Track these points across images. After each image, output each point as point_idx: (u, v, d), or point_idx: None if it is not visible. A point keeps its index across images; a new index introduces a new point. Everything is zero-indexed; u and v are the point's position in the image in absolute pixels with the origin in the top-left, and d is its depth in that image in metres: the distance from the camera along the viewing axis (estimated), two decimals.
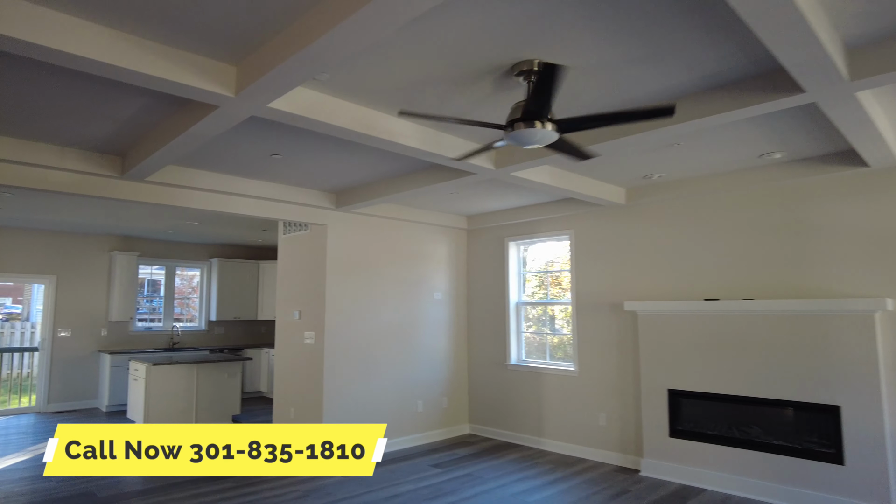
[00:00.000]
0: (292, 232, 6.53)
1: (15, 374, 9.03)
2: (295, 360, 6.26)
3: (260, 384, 10.21)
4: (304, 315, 6.19)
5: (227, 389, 7.77)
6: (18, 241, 8.53)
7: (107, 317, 9.21)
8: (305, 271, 6.25)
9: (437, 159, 4.07)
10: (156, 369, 7.19)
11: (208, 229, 8.49)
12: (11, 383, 8.93)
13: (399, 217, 6.54)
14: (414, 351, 6.71)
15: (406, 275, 6.72)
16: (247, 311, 10.53)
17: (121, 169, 4.52)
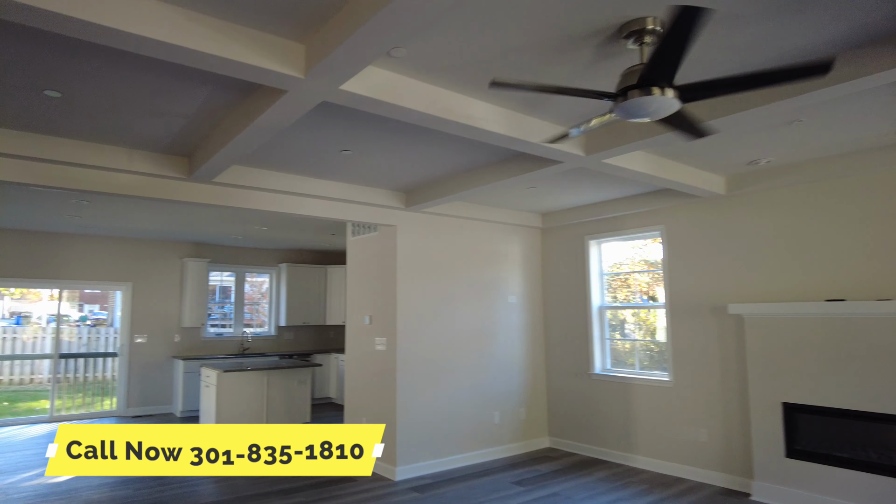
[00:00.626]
0: (361, 234, 6.27)
1: (99, 377, 9.26)
2: (366, 367, 5.99)
3: (329, 390, 10.08)
4: (374, 320, 5.90)
5: (297, 396, 7.62)
6: (97, 249, 8.73)
7: (179, 323, 9.30)
8: (375, 275, 5.97)
9: (521, 146, 3.66)
10: (226, 376, 7.11)
11: (277, 234, 8.41)
12: (96, 386, 9.16)
13: (470, 216, 6.16)
14: (489, 358, 6.30)
15: (478, 277, 6.33)
16: (315, 317, 10.45)
17: (188, 170, 4.36)
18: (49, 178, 4.04)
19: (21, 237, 8.20)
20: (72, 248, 8.55)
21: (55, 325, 8.78)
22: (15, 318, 17.91)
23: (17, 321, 17.41)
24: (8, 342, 11.69)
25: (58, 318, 8.45)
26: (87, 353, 9.21)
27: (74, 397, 8.93)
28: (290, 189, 4.85)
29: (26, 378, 11.74)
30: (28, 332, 12.19)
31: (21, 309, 17.82)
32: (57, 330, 8.46)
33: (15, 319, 17.81)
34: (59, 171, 4.07)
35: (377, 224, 5.82)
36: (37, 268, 8.29)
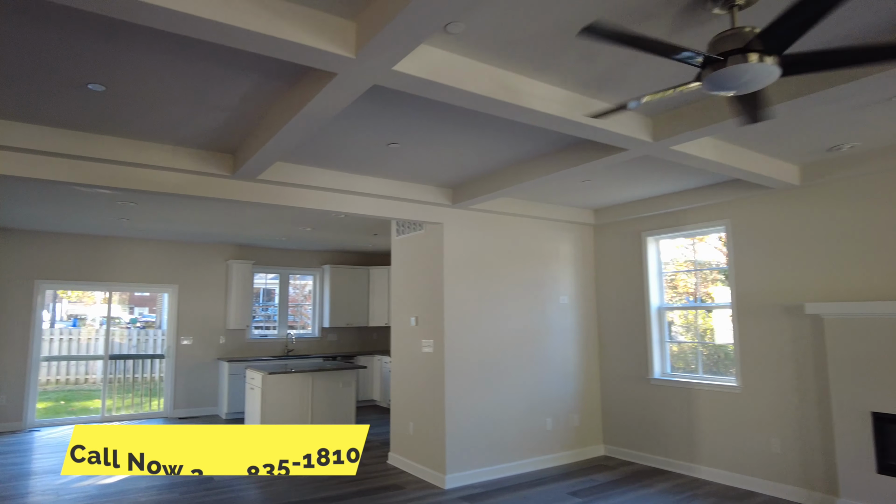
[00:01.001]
0: (406, 233, 6.08)
1: (148, 378, 9.36)
2: (412, 370, 5.79)
3: (373, 392, 9.95)
4: (421, 321, 5.70)
5: (342, 399, 7.49)
6: (144, 252, 8.82)
7: (225, 325, 9.32)
8: (421, 275, 5.77)
9: (584, 131, 3.38)
10: (271, 378, 7.03)
11: (320, 235, 8.32)
12: (145, 387, 9.27)
13: (519, 213, 5.89)
14: (540, 361, 6.02)
15: (528, 277, 6.05)
16: (358, 318, 10.34)
17: (232, 167, 4.25)
18: (94, 177, 3.97)
19: (74, 241, 8.34)
20: (120, 252, 8.66)
21: (101, 326, 8.89)
22: (72, 320, 18.53)
23: (73, 323, 17.99)
24: (65, 343, 12.03)
25: (108, 321, 8.56)
26: (136, 354, 9.33)
27: (125, 398, 9.05)
28: (335, 186, 4.70)
29: (81, 378, 12.04)
30: (84, 333, 12.49)
31: (77, 311, 18.43)
32: (107, 332, 8.57)
33: (72, 322, 18.42)
34: (105, 169, 4.00)
35: (423, 222, 5.62)
36: (88, 271, 8.41)
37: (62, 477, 5.57)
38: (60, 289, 8.28)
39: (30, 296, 8.02)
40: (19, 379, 7.85)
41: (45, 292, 8.20)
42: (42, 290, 8.15)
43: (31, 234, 8.10)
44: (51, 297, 19.19)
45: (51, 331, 12.47)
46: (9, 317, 7.87)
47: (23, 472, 5.73)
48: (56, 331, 12.13)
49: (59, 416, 9.50)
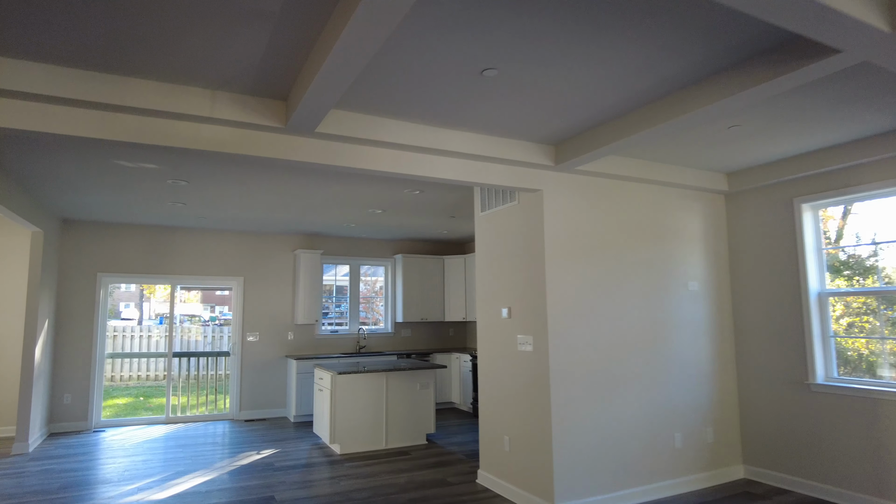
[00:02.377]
0: (494, 207, 5.06)
1: (214, 376, 8.85)
2: (506, 372, 4.76)
3: (451, 394, 9.01)
4: (515, 313, 4.66)
5: (420, 402, 6.58)
6: (207, 243, 8.27)
7: (293, 319, 8.65)
8: (514, 256, 4.73)
9: (792, 12, 2.22)
10: (342, 379, 6.20)
11: (391, 220, 7.45)
12: (211, 387, 8.75)
13: (636, 176, 4.74)
14: (665, 362, 4.84)
15: (648, 258, 4.88)
16: (433, 312, 9.43)
17: (284, 117, 3.37)
18: (123, 130, 3.19)
19: (135, 232, 7.88)
20: (183, 243, 8.14)
21: (181, 323, 8.44)
22: (159, 318, 18.89)
23: (160, 321, 18.31)
24: (143, 340, 11.90)
25: (170, 316, 8.07)
26: (199, 351, 8.83)
27: (191, 398, 8.55)
28: (410, 142, 3.74)
29: (160, 374, 11.79)
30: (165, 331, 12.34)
31: (164, 311, 18.75)
32: (170, 328, 8.08)
33: (159, 320, 18.76)
34: (134, 122, 3.22)
35: (518, 188, 4.57)
36: (151, 263, 7.94)
37: (113, 486, 4.95)
38: (123, 282, 7.85)
39: (93, 289, 7.61)
40: (84, 377, 7.45)
41: (108, 286, 7.78)
42: (105, 284, 7.74)
43: (93, 226, 7.69)
44: (137, 296, 19.64)
45: (121, 328, 12.45)
46: (72, 312, 7.48)
47: (77, 481, 5.15)
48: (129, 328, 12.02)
49: (138, 412, 9.17)
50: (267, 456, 6.04)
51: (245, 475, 5.34)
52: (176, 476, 5.33)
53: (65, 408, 7.33)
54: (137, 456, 6.07)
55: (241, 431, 7.33)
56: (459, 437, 6.92)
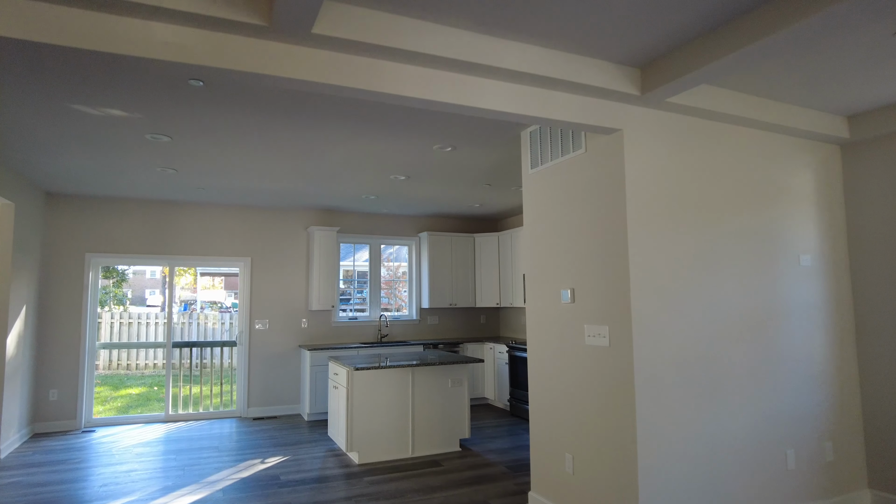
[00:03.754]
0: (549, 161, 3.97)
1: (220, 368, 7.97)
2: (568, 372, 3.71)
3: (484, 389, 8.00)
4: (581, 296, 3.59)
5: (451, 402, 5.57)
6: (210, 219, 7.33)
7: (307, 305, 7.70)
8: (580, 222, 3.65)
9: None
10: (360, 376, 5.22)
11: (416, 188, 6.40)
12: (213, 379, 7.87)
13: (737, 114, 3.61)
14: (772, 359, 3.73)
15: (752, 224, 3.77)
16: (463, 297, 8.40)
17: (267, 11, 2.34)
18: (45, 28, 2.19)
19: (128, 207, 6.97)
20: (182, 219, 7.21)
21: (202, 310, 7.56)
22: (183, 304, 18.23)
23: (184, 308, 17.63)
24: (161, 328, 11.12)
25: (168, 302, 7.17)
26: (201, 341, 7.95)
27: (194, 393, 7.68)
28: (446, 53, 2.67)
29: (175, 362, 11.03)
30: (183, 317, 11.67)
31: (188, 297, 18.11)
32: (168, 313, 7.18)
33: (183, 307, 18.09)
34: (59, 16, 2.21)
35: (590, 127, 3.49)
36: (146, 242, 7.03)
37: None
38: (115, 263, 6.97)
39: (81, 271, 6.73)
40: (72, 370, 6.60)
41: (98, 268, 6.90)
42: (95, 266, 6.85)
43: (81, 201, 6.80)
44: (160, 283, 19.05)
45: (145, 315, 11.68)
46: (58, 297, 6.61)
47: (43, 500, 4.26)
48: (153, 314, 11.24)
49: (150, 403, 8.36)
50: (273, 466, 5.10)
51: (243, 492, 4.39)
52: (161, 493, 4.41)
53: (50, 405, 6.49)
54: (123, 464, 5.18)
55: (248, 432, 6.41)
56: (498, 442, 5.90)
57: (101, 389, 10.28)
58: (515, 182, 6.11)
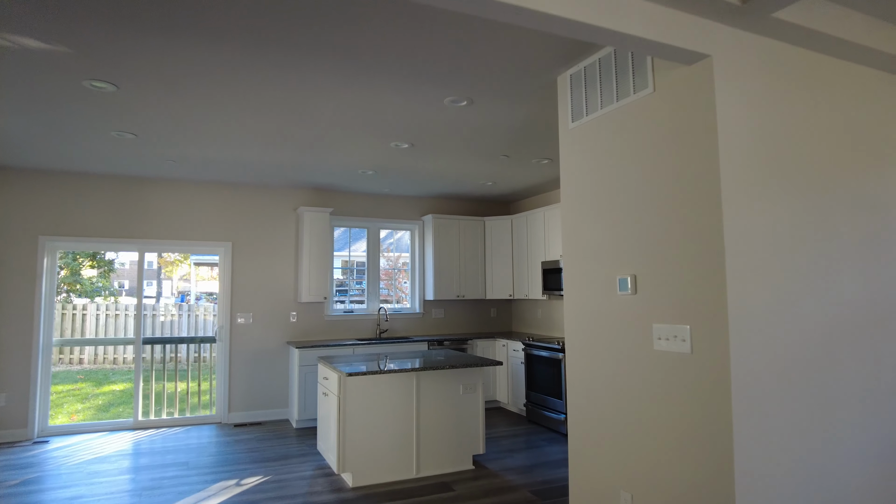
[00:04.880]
0: (599, 109, 3.05)
1: (198, 367, 7.10)
2: (627, 385, 2.82)
3: (496, 391, 7.13)
4: (646, 285, 2.69)
5: (463, 412, 4.70)
6: (185, 198, 6.42)
7: (296, 297, 6.81)
8: (645, 186, 2.74)
9: None
10: (353, 382, 4.34)
11: (421, 160, 5.50)
12: (191, 378, 7.00)
13: (855, 41, 2.70)
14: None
15: (874, 191, 2.87)
16: (472, 288, 7.51)
17: None
18: None
19: (89, 184, 6.06)
20: (154, 199, 6.31)
21: (196, 301, 6.70)
22: (180, 295, 17.35)
23: (181, 299, 16.74)
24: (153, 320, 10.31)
25: (139, 291, 6.28)
26: (176, 337, 7.09)
27: (167, 396, 6.80)
28: None
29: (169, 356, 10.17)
30: (174, 310, 10.89)
31: (185, 288, 17.24)
32: (138, 304, 6.28)
33: (179, 297, 17.21)
34: None
35: (668, 49, 2.58)
36: (112, 224, 6.13)
37: None
38: (74, 248, 6.08)
39: (33, 257, 5.83)
40: (23, 371, 5.71)
41: (55, 253, 6.00)
42: (51, 251, 5.96)
43: (32, 176, 5.88)
44: (157, 273, 18.21)
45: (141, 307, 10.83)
46: (4, 287, 5.72)
47: None
48: (150, 307, 10.37)
49: (87, 420, 7.49)
50: (250, 488, 4.23)
51: None
52: None
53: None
54: (68, 488, 4.30)
55: (227, 443, 5.54)
56: (518, 457, 5.03)
57: (83, 386, 9.48)
58: (539, 150, 5.20)
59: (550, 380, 5.98)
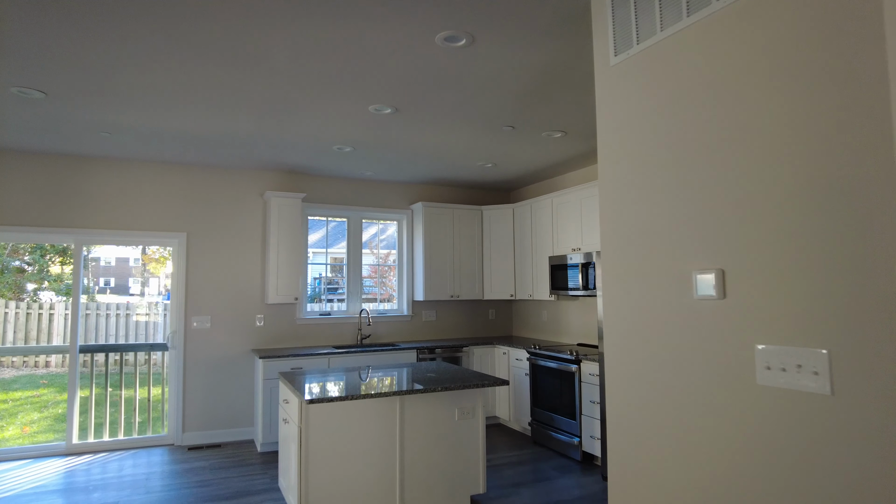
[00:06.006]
0: (661, 31, 2.12)
1: (148, 379, 6.12)
2: (709, 434, 1.89)
3: (495, 405, 6.21)
4: (742, 285, 1.76)
5: (458, 441, 3.77)
6: (130, 182, 5.45)
7: (263, 297, 5.85)
8: (733, 135, 1.81)
9: None
10: (317, 411, 3.39)
11: (409, 132, 4.56)
12: (140, 391, 6.01)
13: None
14: None
15: None
16: (469, 287, 6.59)
17: None
18: None
19: (10, 164, 5.08)
20: (94, 182, 5.33)
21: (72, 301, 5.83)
22: (166, 293, 16.30)
23: (167, 296, 15.73)
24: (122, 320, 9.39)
25: (75, 290, 5.29)
26: (120, 345, 6.14)
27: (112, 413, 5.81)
28: None
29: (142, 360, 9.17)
30: (152, 310, 9.97)
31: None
32: (74, 304, 5.29)
33: (166, 295, 16.17)
34: None
35: None
36: (41, 212, 5.15)
37: None
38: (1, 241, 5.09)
39: None
40: None
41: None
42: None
43: None
44: (142, 270, 17.16)
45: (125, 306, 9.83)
46: None
47: None
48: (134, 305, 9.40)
49: (10, 444, 6.51)
50: None
51: None
52: None
53: None
54: None
55: (175, 473, 4.59)
56: (525, 494, 4.10)
57: (44, 392, 8.54)
58: (553, 117, 4.27)
59: (561, 396, 5.07)
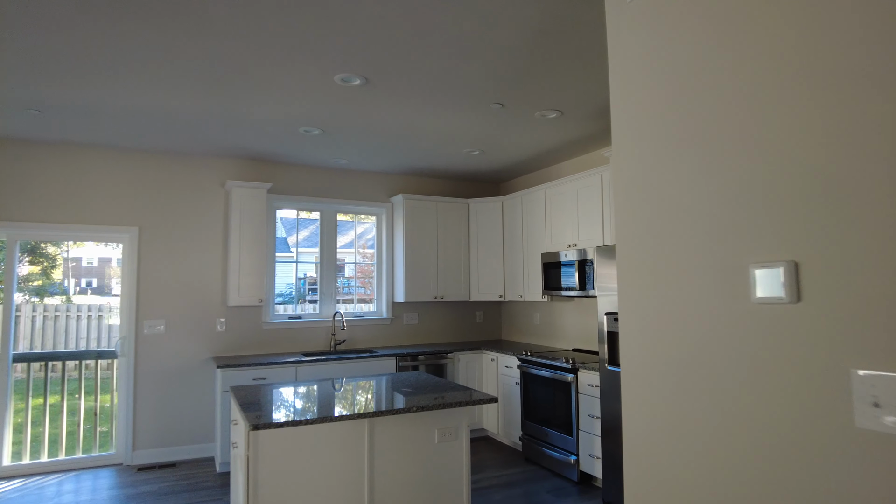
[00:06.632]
0: None
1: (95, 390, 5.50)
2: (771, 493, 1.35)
3: (483, 418, 5.67)
4: (826, 283, 1.23)
5: (439, 467, 3.22)
6: (76, 170, 4.85)
7: (224, 298, 5.27)
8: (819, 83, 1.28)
9: None
10: (266, 438, 2.82)
11: (382, 109, 4.01)
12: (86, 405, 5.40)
13: None
14: None
15: None
16: (454, 287, 6.04)
17: None
18: None
19: None
20: (32, 170, 4.73)
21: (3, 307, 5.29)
22: None
23: None
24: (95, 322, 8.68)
25: (7, 293, 4.68)
26: (59, 352, 5.54)
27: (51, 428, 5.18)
28: None
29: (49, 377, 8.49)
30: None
31: None
32: (5, 310, 4.68)
33: None
34: None
35: None
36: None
37: None
38: None
39: None
40: None
41: None
42: None
43: None
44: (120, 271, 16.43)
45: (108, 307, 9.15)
46: None
47: None
48: None
49: None
50: None
51: None
52: None
53: None
54: None
55: (118, 498, 4.00)
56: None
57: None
58: (548, 93, 3.74)
59: (555, 408, 4.54)
